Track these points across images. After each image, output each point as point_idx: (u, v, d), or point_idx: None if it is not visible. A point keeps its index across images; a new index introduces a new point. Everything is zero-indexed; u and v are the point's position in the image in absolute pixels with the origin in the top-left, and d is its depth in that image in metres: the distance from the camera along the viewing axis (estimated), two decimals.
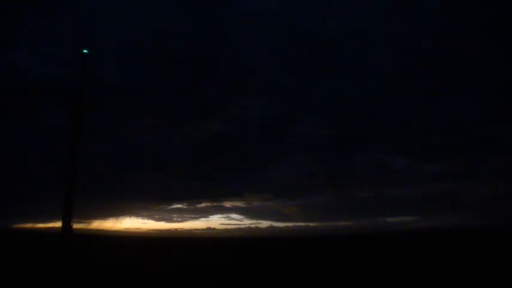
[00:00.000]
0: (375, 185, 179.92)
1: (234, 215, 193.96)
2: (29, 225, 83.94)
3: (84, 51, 27.24)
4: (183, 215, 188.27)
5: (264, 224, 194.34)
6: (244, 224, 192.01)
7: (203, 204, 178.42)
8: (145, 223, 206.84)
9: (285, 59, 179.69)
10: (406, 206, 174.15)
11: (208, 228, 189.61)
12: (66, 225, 28.23)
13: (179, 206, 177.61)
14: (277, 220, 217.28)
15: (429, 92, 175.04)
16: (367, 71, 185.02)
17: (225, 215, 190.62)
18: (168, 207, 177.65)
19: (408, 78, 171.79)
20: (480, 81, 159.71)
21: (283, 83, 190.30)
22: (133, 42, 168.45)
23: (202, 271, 27.94)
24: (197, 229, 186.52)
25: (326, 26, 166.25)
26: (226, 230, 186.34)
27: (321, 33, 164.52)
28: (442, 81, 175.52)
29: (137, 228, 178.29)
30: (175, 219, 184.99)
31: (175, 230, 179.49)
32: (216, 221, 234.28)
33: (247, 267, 31.60)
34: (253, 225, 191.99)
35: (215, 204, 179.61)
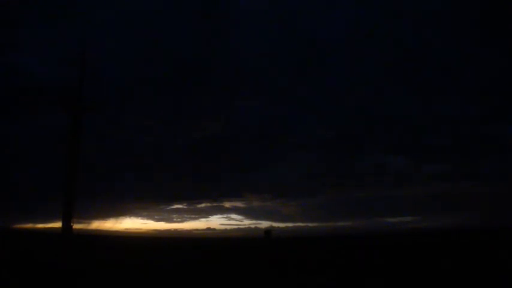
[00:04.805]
0: (375, 185, 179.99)
1: (233, 215, 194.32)
2: (29, 225, 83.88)
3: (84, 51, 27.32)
4: (183, 215, 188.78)
5: (264, 224, 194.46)
6: (244, 224, 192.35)
7: (203, 205, 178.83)
8: (145, 223, 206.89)
9: (285, 59, 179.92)
10: (406, 206, 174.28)
11: (208, 229, 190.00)
12: (66, 225, 28.34)
13: (179, 206, 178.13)
14: (277, 220, 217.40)
15: (429, 91, 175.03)
16: (367, 71, 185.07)
17: (225, 215, 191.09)
18: (168, 208, 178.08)
19: (408, 78, 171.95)
20: (481, 80, 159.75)
21: (283, 83, 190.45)
22: (133, 42, 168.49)
23: (202, 271, 27.97)
24: (197, 229, 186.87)
25: (327, 26, 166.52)
26: (226, 230, 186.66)
27: (321, 33, 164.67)
28: (442, 81, 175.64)
29: (137, 229, 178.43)
30: (175, 219, 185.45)
31: (175, 230, 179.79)
32: (216, 221, 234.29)
33: (247, 267, 31.61)
34: (253, 226, 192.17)
35: (215, 204, 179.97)
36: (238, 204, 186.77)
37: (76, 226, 27.21)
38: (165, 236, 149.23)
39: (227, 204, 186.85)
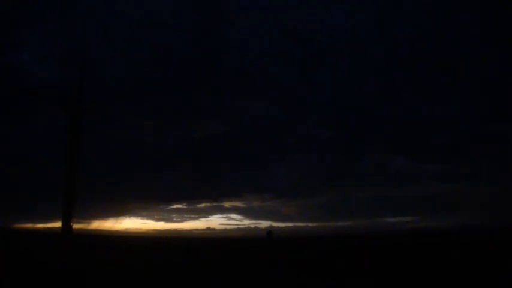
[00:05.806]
0: (375, 185, 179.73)
1: (233, 215, 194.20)
2: (29, 225, 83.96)
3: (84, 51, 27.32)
4: (183, 215, 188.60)
5: (264, 224, 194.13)
6: (244, 224, 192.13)
7: (203, 204, 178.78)
8: (145, 223, 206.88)
9: (285, 59, 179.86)
10: (406, 206, 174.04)
11: (208, 228, 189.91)
12: (66, 225, 28.38)
13: (179, 206, 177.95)
14: (277, 220, 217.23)
15: (429, 91, 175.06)
16: (367, 71, 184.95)
17: (225, 215, 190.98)
18: (168, 207, 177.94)
19: (408, 78, 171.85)
20: (481, 80, 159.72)
21: (284, 83, 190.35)
22: (133, 42, 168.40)
23: (202, 271, 27.98)
24: (197, 229, 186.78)
25: (327, 26, 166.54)
26: (226, 230, 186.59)
27: (322, 33, 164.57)
28: (442, 81, 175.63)
29: (137, 229, 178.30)
30: (175, 219, 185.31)
31: (175, 230, 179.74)
32: (215, 221, 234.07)
33: (248, 267, 31.63)
34: (253, 225, 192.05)
35: (215, 204, 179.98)
36: (238, 204, 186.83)
37: (76, 226, 27.22)
38: (165, 236, 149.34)
39: (227, 204, 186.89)
